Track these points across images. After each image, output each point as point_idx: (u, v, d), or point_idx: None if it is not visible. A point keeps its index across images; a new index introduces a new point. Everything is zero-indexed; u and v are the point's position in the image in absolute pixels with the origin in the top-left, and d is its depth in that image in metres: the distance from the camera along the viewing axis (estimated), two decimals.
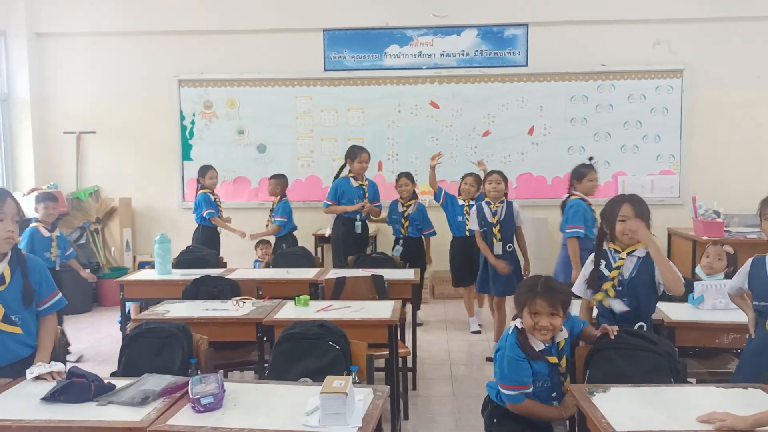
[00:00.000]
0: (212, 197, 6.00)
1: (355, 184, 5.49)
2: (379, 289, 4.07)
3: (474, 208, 4.96)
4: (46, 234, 4.78)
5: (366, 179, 5.56)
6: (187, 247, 5.17)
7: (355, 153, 5.46)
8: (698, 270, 3.79)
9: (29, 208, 6.59)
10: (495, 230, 4.77)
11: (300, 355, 2.63)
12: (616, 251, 2.86)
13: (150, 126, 7.14)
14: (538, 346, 2.50)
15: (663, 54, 6.77)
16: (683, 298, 3.35)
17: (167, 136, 7.13)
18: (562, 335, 2.55)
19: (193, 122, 7.14)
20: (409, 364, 4.24)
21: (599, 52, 6.78)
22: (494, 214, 4.78)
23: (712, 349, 3.40)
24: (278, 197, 5.97)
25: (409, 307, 4.26)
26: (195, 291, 3.88)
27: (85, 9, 7.01)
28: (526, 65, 6.87)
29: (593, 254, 2.93)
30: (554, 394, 2.54)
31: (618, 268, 2.82)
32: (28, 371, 2.39)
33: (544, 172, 6.94)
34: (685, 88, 6.73)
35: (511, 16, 6.86)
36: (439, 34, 6.95)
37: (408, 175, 5.69)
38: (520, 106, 6.89)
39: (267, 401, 2.19)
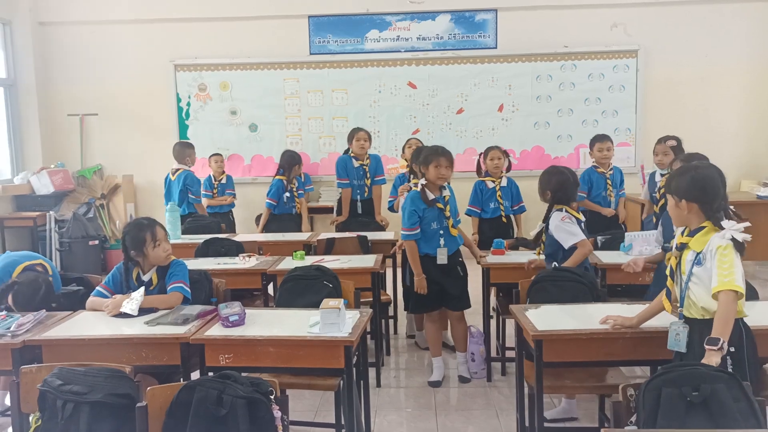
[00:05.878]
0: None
1: (356, 164, 5.63)
2: (364, 248, 4.72)
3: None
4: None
5: (368, 156, 5.69)
6: (192, 216, 5.77)
7: (352, 134, 5.65)
8: (656, 170, 4.85)
9: (41, 185, 7.16)
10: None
11: (301, 291, 3.29)
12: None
13: (149, 108, 7.67)
14: (431, 197, 3.76)
15: (619, 36, 7.41)
16: (617, 246, 4.08)
17: (165, 117, 7.67)
18: (446, 192, 3.83)
19: (188, 104, 7.69)
20: (391, 313, 4.92)
21: (562, 34, 7.39)
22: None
23: (640, 287, 4.10)
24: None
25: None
26: (206, 250, 4.52)
27: None
28: (496, 48, 7.48)
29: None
30: (441, 232, 3.79)
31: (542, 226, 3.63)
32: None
33: (513, 146, 7.55)
34: (640, 67, 7.39)
35: (481, 2, 7.43)
36: (415, 20, 7.54)
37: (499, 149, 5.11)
38: (490, 85, 7.51)
39: (279, 320, 2.86)
